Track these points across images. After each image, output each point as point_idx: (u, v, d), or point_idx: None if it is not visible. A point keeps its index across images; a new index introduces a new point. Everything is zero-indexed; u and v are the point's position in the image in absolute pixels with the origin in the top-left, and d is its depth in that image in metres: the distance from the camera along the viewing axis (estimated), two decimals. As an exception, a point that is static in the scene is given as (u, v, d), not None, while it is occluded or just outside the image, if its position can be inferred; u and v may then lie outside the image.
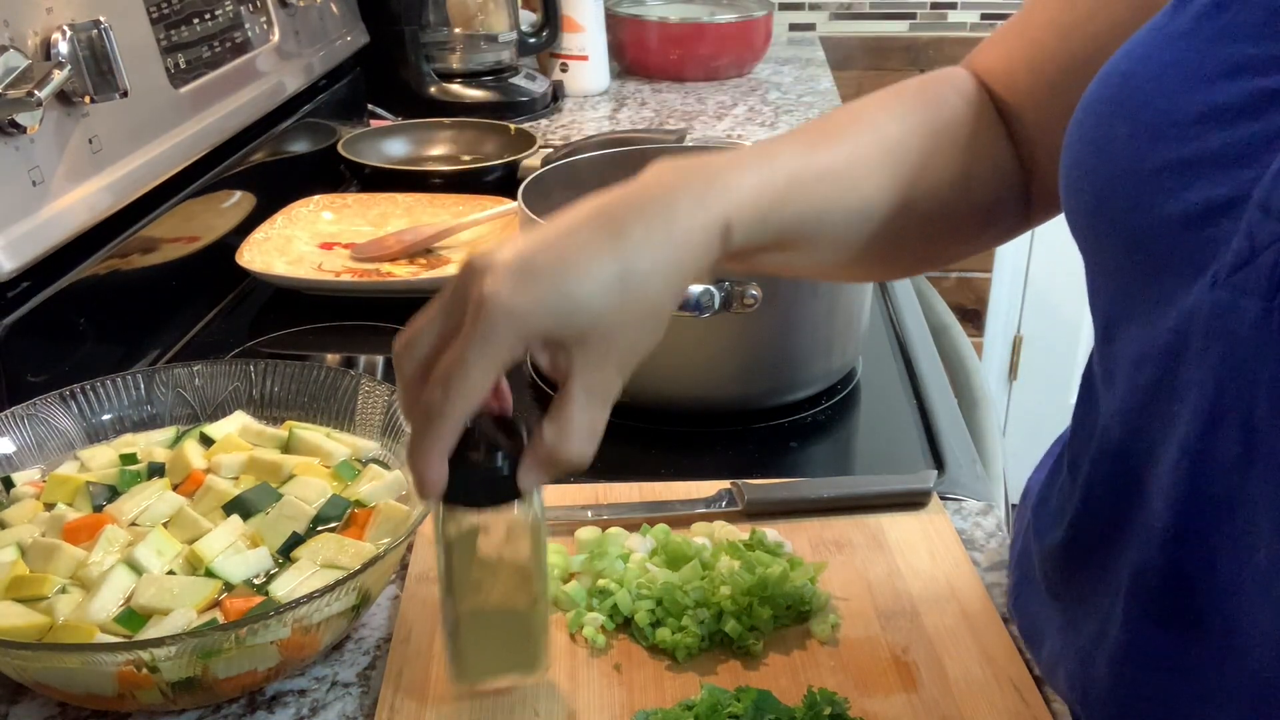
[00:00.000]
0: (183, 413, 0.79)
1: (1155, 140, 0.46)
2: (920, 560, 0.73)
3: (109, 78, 0.89)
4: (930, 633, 0.67)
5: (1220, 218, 0.43)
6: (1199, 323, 0.44)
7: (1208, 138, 0.44)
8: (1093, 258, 0.53)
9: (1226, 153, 0.43)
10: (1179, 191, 0.45)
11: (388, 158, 1.47)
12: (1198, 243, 0.44)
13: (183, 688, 0.59)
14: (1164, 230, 0.46)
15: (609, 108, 1.78)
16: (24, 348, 0.84)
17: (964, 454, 0.86)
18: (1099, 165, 0.49)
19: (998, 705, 0.61)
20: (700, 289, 0.82)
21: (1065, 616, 0.57)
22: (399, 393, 0.55)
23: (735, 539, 0.72)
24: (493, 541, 0.57)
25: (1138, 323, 0.49)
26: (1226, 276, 0.43)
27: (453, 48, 1.69)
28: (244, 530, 0.68)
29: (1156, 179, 0.46)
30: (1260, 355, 0.42)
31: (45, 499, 0.71)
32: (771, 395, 0.91)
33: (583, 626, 0.67)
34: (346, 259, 1.18)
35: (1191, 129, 0.45)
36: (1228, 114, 0.44)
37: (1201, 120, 0.45)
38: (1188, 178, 0.45)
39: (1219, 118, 0.44)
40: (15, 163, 0.83)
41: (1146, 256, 0.47)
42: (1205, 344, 0.44)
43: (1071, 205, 0.52)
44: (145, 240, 1.01)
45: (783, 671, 0.64)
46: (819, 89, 1.88)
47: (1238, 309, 0.42)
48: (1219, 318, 0.43)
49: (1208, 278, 0.44)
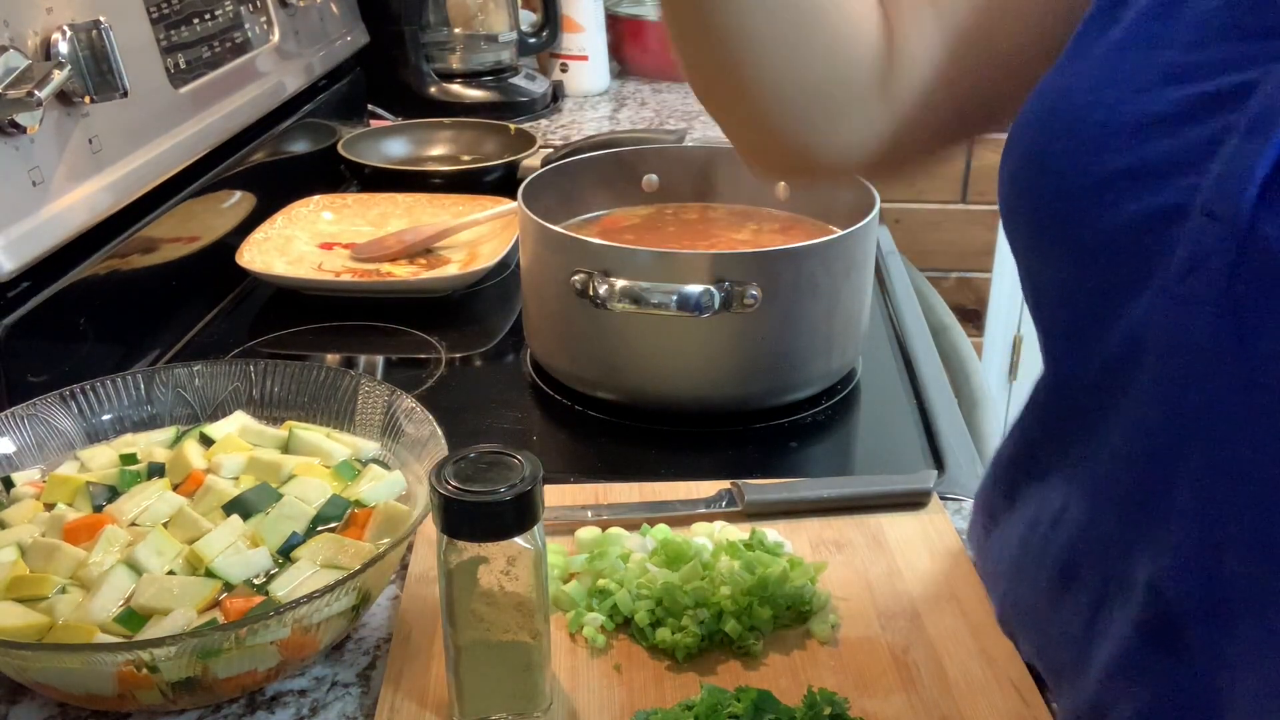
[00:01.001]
0: (183, 413, 0.79)
1: (1095, 152, 0.46)
2: (920, 560, 0.73)
3: (109, 78, 0.89)
4: (930, 633, 0.67)
5: (1165, 226, 0.43)
6: (1152, 333, 0.44)
7: (1148, 147, 0.44)
8: (1034, 273, 0.52)
9: (1168, 160, 0.43)
10: (1122, 202, 0.45)
11: (388, 158, 1.47)
12: (1143, 252, 0.44)
13: (183, 688, 0.60)
14: (1109, 241, 0.45)
15: (609, 108, 1.79)
16: (24, 348, 0.84)
17: (964, 454, 0.86)
18: (1039, 180, 0.49)
19: (998, 705, 0.61)
20: (700, 289, 0.82)
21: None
22: None
23: (735, 539, 0.72)
24: (493, 574, 0.57)
25: (1088, 334, 0.48)
26: (1175, 285, 0.43)
27: (453, 48, 1.69)
28: (244, 530, 0.68)
29: (1098, 191, 0.46)
30: (1215, 361, 0.41)
31: (45, 499, 0.71)
32: (771, 395, 0.91)
33: (583, 626, 0.67)
34: (346, 259, 1.18)
35: (1131, 139, 0.45)
36: (1167, 122, 0.44)
37: (1141, 130, 0.45)
38: (1130, 188, 0.44)
39: (1158, 126, 0.44)
40: (15, 163, 0.83)
41: (1092, 269, 0.47)
42: (1159, 354, 0.44)
43: (1011, 223, 0.52)
44: (145, 240, 1.01)
45: (783, 671, 0.64)
46: (819, 89, 1.88)
47: (1189, 317, 0.42)
48: (1170, 328, 0.43)
49: (1155, 287, 0.43)
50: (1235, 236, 0.40)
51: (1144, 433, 0.46)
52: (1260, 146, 0.40)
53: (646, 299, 0.82)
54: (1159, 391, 0.44)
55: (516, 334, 1.04)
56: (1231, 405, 0.41)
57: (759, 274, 0.83)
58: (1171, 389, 0.44)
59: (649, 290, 0.82)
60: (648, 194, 1.08)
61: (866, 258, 0.91)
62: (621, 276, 0.83)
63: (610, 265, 0.84)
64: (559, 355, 0.93)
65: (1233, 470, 0.42)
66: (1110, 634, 0.50)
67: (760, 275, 0.83)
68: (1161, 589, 0.46)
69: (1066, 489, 0.53)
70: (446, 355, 1.02)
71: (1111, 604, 0.50)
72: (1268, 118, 0.40)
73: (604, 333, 0.87)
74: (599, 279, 0.83)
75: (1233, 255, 0.40)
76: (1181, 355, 0.43)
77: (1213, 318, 0.41)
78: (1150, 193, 0.44)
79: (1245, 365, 0.41)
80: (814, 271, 0.86)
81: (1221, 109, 0.42)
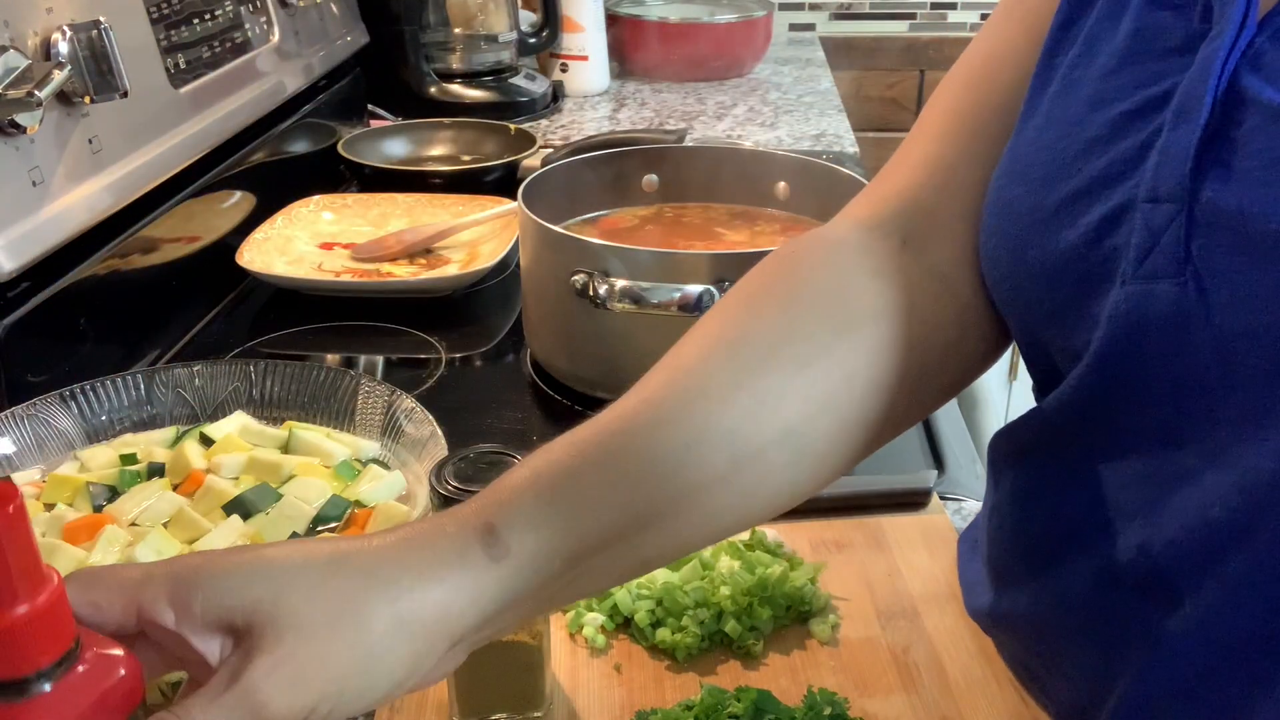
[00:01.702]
0: (183, 413, 0.79)
1: (1047, 186, 0.50)
2: (920, 560, 0.73)
3: (109, 78, 0.89)
4: (930, 633, 0.67)
5: (1115, 228, 0.47)
6: (1122, 322, 0.46)
7: (1089, 166, 0.48)
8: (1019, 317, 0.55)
9: (1108, 172, 0.48)
10: (1076, 219, 0.48)
11: (388, 158, 1.47)
12: (1102, 256, 0.47)
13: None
14: (1071, 257, 0.49)
15: (609, 108, 1.79)
16: (24, 348, 0.84)
17: (964, 454, 0.86)
18: (1005, 226, 0.53)
19: (998, 705, 0.61)
20: (700, 289, 0.82)
21: None
22: None
23: (735, 539, 0.72)
24: None
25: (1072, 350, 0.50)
26: (1135, 271, 0.46)
27: (453, 48, 1.69)
28: (244, 530, 0.68)
29: (1055, 217, 0.49)
30: (1191, 327, 0.44)
31: (45, 499, 0.71)
32: (771, 395, 0.91)
33: (583, 626, 0.67)
34: (346, 259, 1.18)
35: (1074, 165, 0.49)
36: (1100, 141, 0.48)
37: (1081, 155, 0.49)
38: (1081, 205, 0.48)
39: (1094, 148, 0.49)
40: (15, 163, 0.83)
41: (1060, 284, 0.50)
42: (1137, 337, 0.46)
43: (993, 277, 0.55)
44: (145, 240, 1.01)
45: (783, 671, 0.64)
46: (819, 89, 1.88)
47: (1155, 296, 0.45)
48: (1139, 310, 0.46)
49: (1118, 281, 0.46)
50: (1181, 210, 0.44)
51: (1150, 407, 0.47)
52: (1188, 128, 0.44)
53: (646, 299, 0.82)
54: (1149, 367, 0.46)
55: (516, 334, 1.04)
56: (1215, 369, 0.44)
57: (759, 274, 0.83)
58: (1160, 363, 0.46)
59: (649, 290, 0.82)
60: (648, 194, 1.08)
61: (866, 258, 0.91)
62: (621, 276, 0.83)
63: (610, 265, 0.84)
64: (559, 355, 0.93)
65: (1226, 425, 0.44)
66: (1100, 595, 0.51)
67: (760, 275, 0.83)
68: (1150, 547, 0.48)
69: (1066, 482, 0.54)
70: (446, 355, 1.02)
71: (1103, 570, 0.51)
72: (1189, 105, 0.45)
73: (604, 333, 0.87)
74: (599, 279, 0.83)
75: (1183, 227, 0.44)
76: (1158, 330, 0.45)
77: (1175, 289, 0.44)
78: (1099, 202, 0.48)
79: (1211, 328, 0.43)
80: (814, 271, 0.86)
81: (1146, 118, 0.47)
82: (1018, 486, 0.58)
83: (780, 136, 1.63)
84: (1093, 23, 0.53)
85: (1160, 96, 0.47)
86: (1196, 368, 0.44)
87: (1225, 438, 0.44)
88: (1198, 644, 0.47)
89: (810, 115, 1.73)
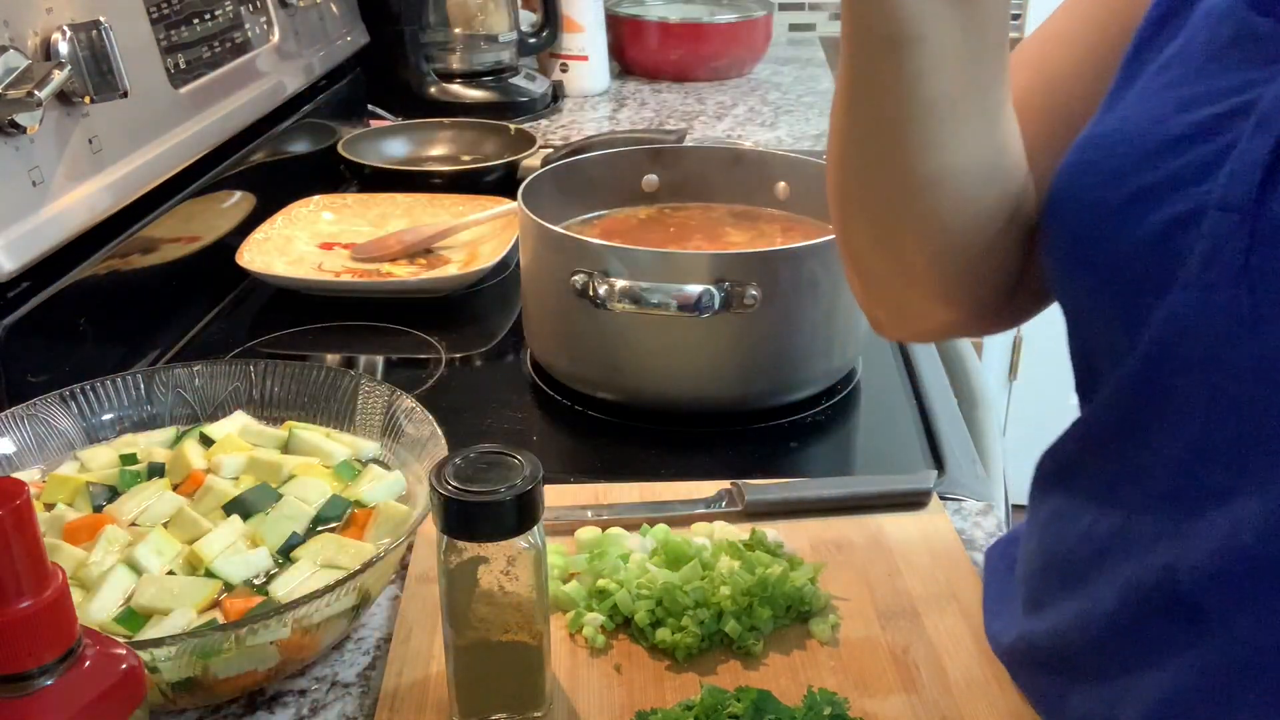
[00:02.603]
0: (183, 413, 0.79)
1: (1119, 178, 0.50)
2: (920, 560, 0.73)
3: (109, 78, 0.89)
4: (930, 633, 0.67)
5: (1184, 231, 0.46)
6: (1174, 326, 0.46)
7: (1165, 165, 0.48)
8: (1071, 305, 0.55)
9: (1183, 173, 0.47)
10: (1145, 214, 0.48)
11: (388, 158, 1.47)
12: (1165, 257, 0.47)
13: (182, 688, 0.59)
14: (1134, 253, 0.48)
15: (609, 108, 1.79)
16: (24, 348, 0.84)
17: (964, 454, 0.86)
18: (1070, 214, 0.53)
19: (998, 705, 0.61)
20: (700, 289, 0.82)
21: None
22: None
23: (735, 539, 0.72)
24: (493, 574, 0.57)
25: (1118, 349, 0.50)
26: (1196, 278, 0.45)
27: (453, 48, 1.69)
28: (244, 530, 0.68)
29: (1122, 210, 0.49)
30: (1237, 339, 0.44)
31: (45, 499, 0.71)
32: (771, 395, 0.91)
33: (583, 626, 0.67)
34: (346, 259, 1.18)
35: (1150, 160, 0.49)
36: (1182, 142, 0.48)
37: (1159, 152, 0.49)
38: (1151, 202, 0.48)
39: (1174, 146, 0.48)
40: (15, 163, 0.83)
41: (1119, 283, 0.50)
42: (1185, 345, 0.46)
43: (1050, 262, 0.55)
44: (145, 240, 1.01)
45: (783, 671, 0.64)
46: (819, 89, 1.88)
47: (1210, 304, 0.45)
48: (1194, 317, 0.46)
49: (1178, 286, 0.46)
50: (1247, 221, 0.44)
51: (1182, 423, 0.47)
52: (1264, 139, 0.44)
53: (646, 299, 0.82)
54: (1190, 379, 0.46)
55: (516, 334, 1.04)
56: (1250, 384, 0.44)
57: (759, 274, 0.83)
58: (1200, 374, 0.46)
59: (649, 290, 0.82)
60: (648, 194, 1.08)
61: (866, 258, 0.91)
62: (621, 276, 0.83)
63: (610, 265, 0.84)
64: (559, 355, 0.93)
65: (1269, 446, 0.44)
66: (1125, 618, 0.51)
67: (760, 275, 0.83)
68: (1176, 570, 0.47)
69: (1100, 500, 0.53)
70: (446, 355, 1.02)
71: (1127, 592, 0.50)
72: (1270, 117, 0.45)
73: (604, 333, 0.87)
74: (599, 279, 0.83)
75: (1246, 239, 0.44)
76: (1206, 340, 0.45)
77: (1230, 300, 0.44)
78: (1170, 203, 0.47)
79: (1256, 341, 0.43)
80: (814, 271, 0.86)
81: (1231, 124, 0.46)
82: (1055, 506, 0.58)
83: (780, 136, 1.63)
84: (1192, 20, 0.51)
85: (1246, 104, 0.46)
86: (1234, 383, 0.44)
87: (1256, 460, 0.44)
88: (1222, 672, 0.46)
89: (810, 115, 1.73)
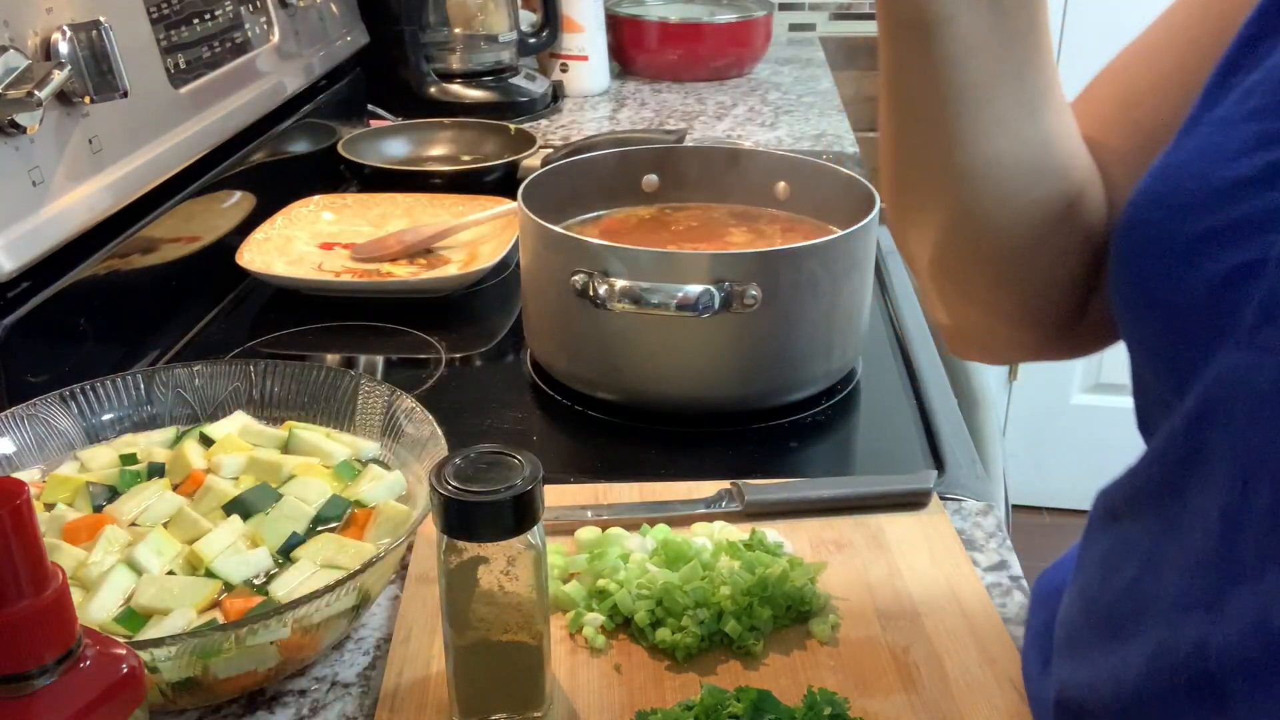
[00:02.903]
0: (183, 413, 0.79)
1: (1184, 216, 0.48)
2: (920, 560, 0.73)
3: (109, 78, 0.89)
4: (930, 633, 0.67)
5: (1244, 282, 0.44)
6: (1222, 385, 0.44)
7: (1231, 209, 0.46)
8: (1134, 343, 0.53)
9: (1248, 220, 0.45)
10: (1205, 261, 0.46)
11: (388, 158, 1.47)
12: (1223, 308, 0.45)
13: (182, 688, 0.59)
14: (1192, 298, 0.47)
15: (609, 108, 1.79)
16: (24, 348, 0.84)
17: (964, 454, 0.86)
18: (1139, 246, 0.51)
19: (998, 705, 0.61)
20: (700, 289, 0.82)
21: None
22: None
23: (735, 539, 0.72)
24: (493, 574, 0.57)
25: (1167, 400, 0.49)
26: (1249, 336, 0.43)
27: (453, 48, 1.69)
28: (244, 530, 0.68)
29: (1186, 252, 0.47)
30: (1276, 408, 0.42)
31: (45, 499, 0.71)
32: (771, 395, 0.91)
33: (583, 626, 0.67)
34: (346, 259, 1.18)
35: (1218, 202, 0.46)
36: (1253, 184, 0.45)
37: (1225, 194, 0.46)
38: (1212, 247, 0.46)
39: (1244, 189, 0.46)
40: (15, 163, 0.83)
41: (1178, 327, 0.48)
42: (1230, 405, 0.44)
43: (1115, 298, 0.53)
44: (145, 240, 1.01)
45: (783, 671, 0.64)
46: (819, 89, 1.88)
47: (1260, 366, 0.42)
48: (1242, 378, 0.43)
49: (1231, 342, 0.44)
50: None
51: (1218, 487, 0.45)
52: None
53: (646, 299, 0.82)
54: (1230, 442, 0.44)
55: (516, 334, 1.04)
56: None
57: (759, 274, 0.83)
58: (1241, 439, 0.44)
59: (649, 290, 0.82)
60: (648, 194, 1.08)
61: (866, 258, 0.91)
62: (621, 276, 0.83)
63: (610, 265, 0.84)
64: (559, 355, 0.93)
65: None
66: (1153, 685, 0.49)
67: (760, 275, 0.83)
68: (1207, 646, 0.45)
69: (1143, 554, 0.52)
70: (446, 355, 1.02)
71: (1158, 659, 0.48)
72: None
73: (604, 333, 0.87)
74: (599, 279, 0.83)
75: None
76: (1251, 403, 0.43)
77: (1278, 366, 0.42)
78: (1231, 252, 0.45)
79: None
80: (814, 271, 0.86)
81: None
82: (1106, 550, 0.56)
83: (780, 136, 1.63)
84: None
85: None
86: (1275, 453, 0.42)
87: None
88: None
89: (810, 115, 1.73)
